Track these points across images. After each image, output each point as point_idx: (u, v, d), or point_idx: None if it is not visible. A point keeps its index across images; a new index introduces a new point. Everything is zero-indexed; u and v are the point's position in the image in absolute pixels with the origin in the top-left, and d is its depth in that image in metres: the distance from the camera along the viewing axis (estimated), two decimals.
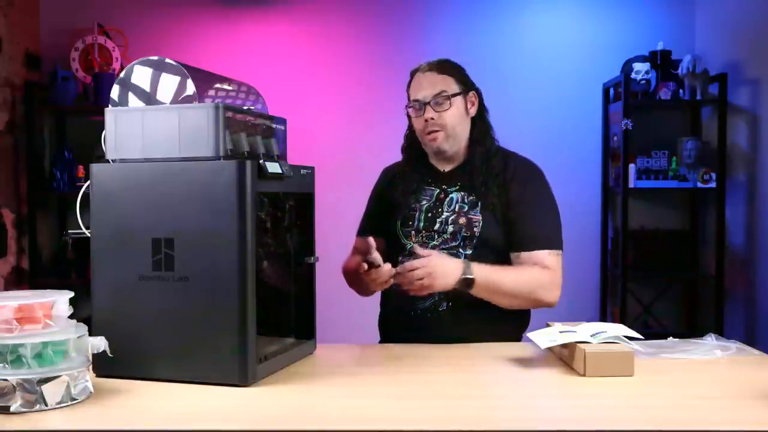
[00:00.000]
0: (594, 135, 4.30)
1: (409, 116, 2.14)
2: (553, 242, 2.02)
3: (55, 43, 4.23)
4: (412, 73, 2.14)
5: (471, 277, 1.88)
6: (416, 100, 2.08)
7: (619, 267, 4.04)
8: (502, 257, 2.02)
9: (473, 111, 2.11)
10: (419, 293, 1.89)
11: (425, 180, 2.13)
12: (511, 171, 2.07)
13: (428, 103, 2.05)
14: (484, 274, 1.91)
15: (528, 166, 2.11)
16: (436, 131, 2.05)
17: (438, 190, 2.10)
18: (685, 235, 4.26)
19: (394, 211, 2.12)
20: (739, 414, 1.43)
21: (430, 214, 2.06)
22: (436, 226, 2.04)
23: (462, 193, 2.07)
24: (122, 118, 1.63)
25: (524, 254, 2.00)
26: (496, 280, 1.92)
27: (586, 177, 4.26)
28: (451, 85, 2.08)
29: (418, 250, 1.92)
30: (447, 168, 2.13)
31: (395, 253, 2.08)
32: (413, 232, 2.06)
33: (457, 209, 2.05)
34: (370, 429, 1.35)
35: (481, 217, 2.02)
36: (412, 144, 2.17)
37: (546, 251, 1.99)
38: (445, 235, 2.03)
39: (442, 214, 2.05)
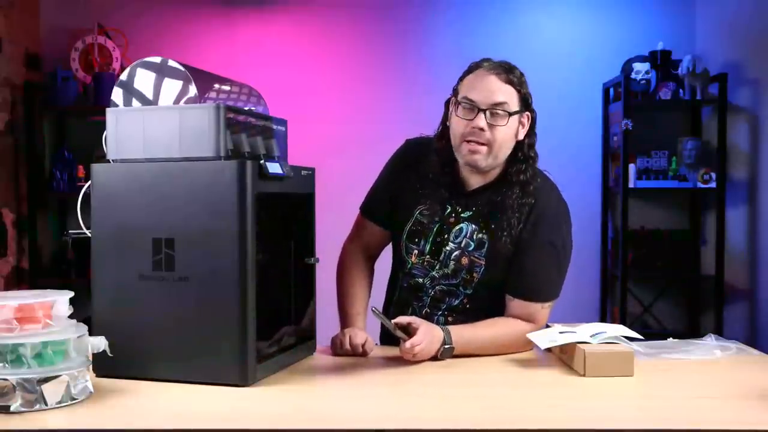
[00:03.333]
0: (594, 135, 4.30)
1: (446, 108, 1.94)
2: (552, 295, 1.92)
3: (55, 43, 4.23)
4: (472, 67, 1.91)
5: (451, 346, 1.81)
6: (470, 100, 1.84)
7: (619, 267, 4.04)
8: (500, 297, 1.93)
9: (522, 134, 1.89)
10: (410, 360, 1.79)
11: (444, 192, 1.94)
12: (536, 214, 1.88)
13: (484, 110, 1.82)
14: (464, 341, 1.82)
15: (556, 211, 1.92)
16: (481, 144, 1.83)
17: (450, 209, 1.93)
18: (685, 235, 4.26)
19: (405, 203, 1.97)
20: (739, 414, 1.43)
21: (438, 239, 1.94)
22: (441, 256, 1.93)
23: (473, 227, 1.90)
24: (123, 118, 1.63)
25: (518, 302, 1.89)
26: (475, 344, 1.85)
27: (586, 177, 4.26)
28: (513, 100, 1.85)
29: (401, 334, 1.78)
30: (471, 186, 1.93)
31: (397, 263, 2.03)
32: (416, 251, 1.95)
33: (462, 245, 1.90)
34: (370, 429, 1.35)
35: (484, 262, 1.89)
36: (447, 143, 1.92)
37: (540, 304, 1.90)
38: (446, 270, 1.93)
39: (448, 244, 1.92)
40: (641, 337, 1.83)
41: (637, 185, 4.03)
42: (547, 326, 1.90)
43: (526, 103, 1.89)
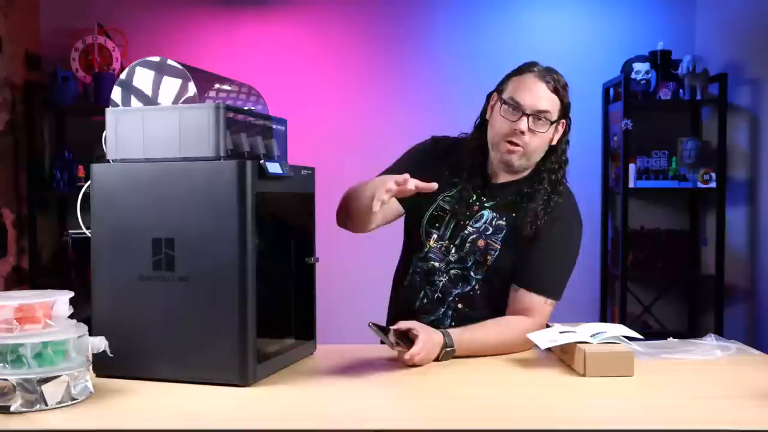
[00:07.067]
0: (594, 135, 4.30)
1: (487, 100, 2.01)
2: (556, 293, 1.95)
3: (55, 43, 4.23)
4: (522, 69, 1.97)
5: (452, 348, 1.80)
6: (516, 102, 1.90)
7: (619, 267, 4.04)
8: (509, 285, 1.96)
9: (555, 139, 1.96)
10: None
11: (472, 182, 1.99)
12: (558, 211, 1.95)
13: (528, 114, 1.89)
14: (465, 343, 1.82)
15: (575, 216, 2.01)
16: (518, 146, 1.91)
17: (475, 198, 1.99)
18: (685, 235, 4.27)
19: (426, 194, 1.95)
20: (739, 414, 1.43)
21: (459, 225, 1.97)
22: (458, 241, 1.97)
23: (494, 214, 1.97)
24: (123, 118, 1.63)
25: (523, 292, 1.92)
26: (476, 344, 1.85)
27: (586, 177, 4.26)
28: (556, 109, 1.92)
29: (400, 348, 1.75)
30: (499, 180, 2.00)
31: (412, 249, 2.04)
32: (436, 236, 1.99)
33: (481, 229, 1.96)
34: (370, 429, 1.35)
35: (499, 246, 1.94)
36: (483, 137, 1.99)
37: (544, 298, 1.92)
38: (461, 253, 1.96)
39: (467, 228, 1.97)
40: (641, 337, 1.83)
41: (637, 185, 4.03)
42: (547, 326, 1.90)
43: (565, 112, 1.96)
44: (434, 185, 1.77)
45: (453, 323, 1.95)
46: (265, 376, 1.62)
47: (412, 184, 1.74)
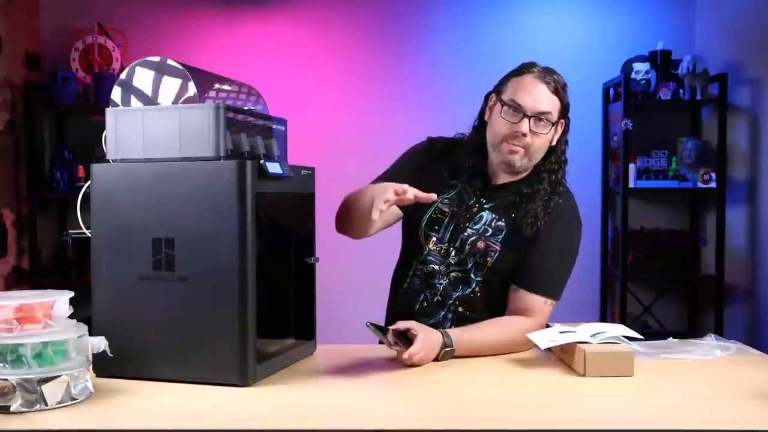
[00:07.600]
0: (594, 135, 4.30)
1: (485, 101, 2.01)
2: (556, 293, 1.95)
3: (55, 43, 4.24)
4: (522, 70, 1.96)
5: (452, 348, 1.80)
6: (517, 104, 1.90)
7: (619, 267, 4.04)
8: (509, 287, 1.96)
9: (555, 140, 1.96)
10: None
11: (471, 184, 1.99)
12: (558, 211, 1.95)
13: (529, 116, 1.89)
14: (465, 343, 1.82)
15: (575, 217, 2.01)
16: (520, 147, 1.91)
17: (475, 200, 1.98)
18: (685, 235, 4.27)
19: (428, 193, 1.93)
20: (739, 414, 1.43)
21: (458, 227, 1.97)
22: (457, 243, 1.97)
23: (493, 215, 1.96)
24: (123, 118, 1.63)
25: (523, 292, 1.92)
26: (476, 344, 1.84)
27: (586, 177, 4.26)
28: (556, 110, 1.92)
29: (399, 347, 1.75)
30: (498, 181, 2.00)
31: (411, 251, 2.03)
32: (435, 238, 1.98)
33: (481, 231, 1.95)
34: (370, 429, 1.35)
35: (499, 248, 1.93)
36: (481, 138, 1.99)
37: (544, 298, 1.92)
38: (461, 255, 1.96)
39: (466, 231, 1.96)
40: (641, 337, 1.83)
41: (637, 185, 4.03)
42: (547, 326, 1.90)
43: (565, 112, 1.96)
44: (433, 196, 1.77)
45: (453, 326, 1.94)
46: (265, 376, 1.62)
47: (411, 193, 1.73)
